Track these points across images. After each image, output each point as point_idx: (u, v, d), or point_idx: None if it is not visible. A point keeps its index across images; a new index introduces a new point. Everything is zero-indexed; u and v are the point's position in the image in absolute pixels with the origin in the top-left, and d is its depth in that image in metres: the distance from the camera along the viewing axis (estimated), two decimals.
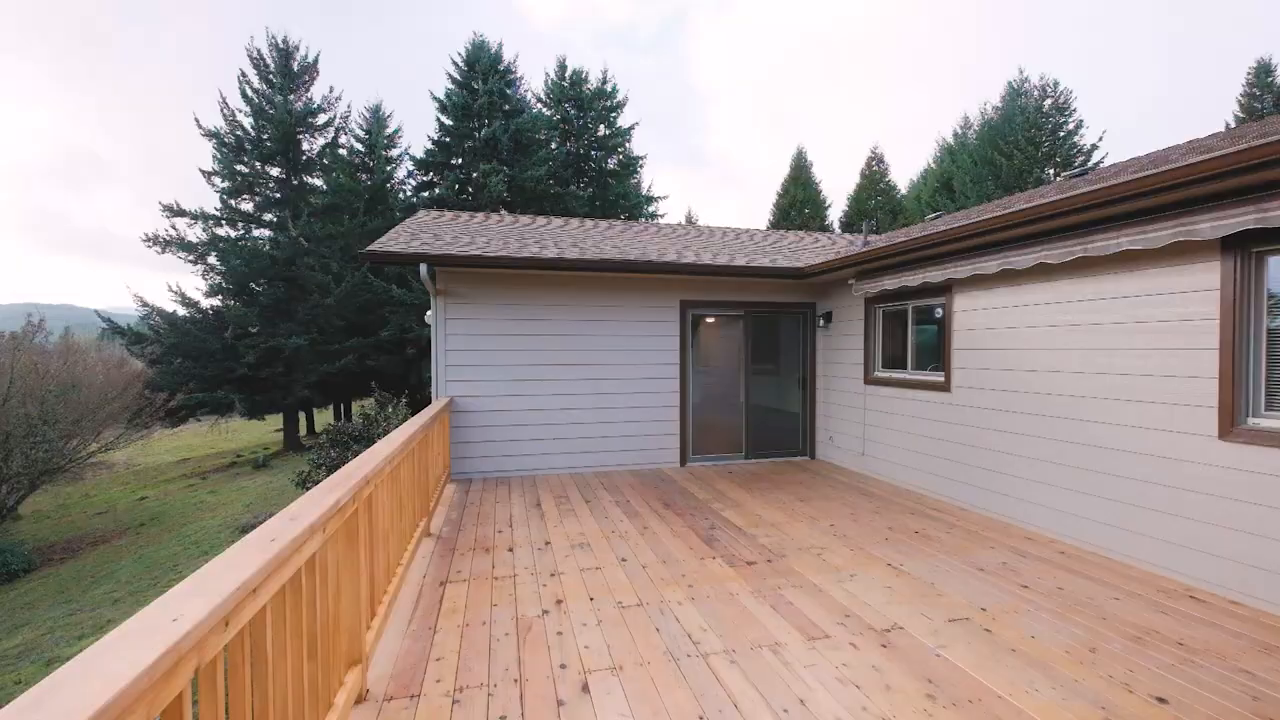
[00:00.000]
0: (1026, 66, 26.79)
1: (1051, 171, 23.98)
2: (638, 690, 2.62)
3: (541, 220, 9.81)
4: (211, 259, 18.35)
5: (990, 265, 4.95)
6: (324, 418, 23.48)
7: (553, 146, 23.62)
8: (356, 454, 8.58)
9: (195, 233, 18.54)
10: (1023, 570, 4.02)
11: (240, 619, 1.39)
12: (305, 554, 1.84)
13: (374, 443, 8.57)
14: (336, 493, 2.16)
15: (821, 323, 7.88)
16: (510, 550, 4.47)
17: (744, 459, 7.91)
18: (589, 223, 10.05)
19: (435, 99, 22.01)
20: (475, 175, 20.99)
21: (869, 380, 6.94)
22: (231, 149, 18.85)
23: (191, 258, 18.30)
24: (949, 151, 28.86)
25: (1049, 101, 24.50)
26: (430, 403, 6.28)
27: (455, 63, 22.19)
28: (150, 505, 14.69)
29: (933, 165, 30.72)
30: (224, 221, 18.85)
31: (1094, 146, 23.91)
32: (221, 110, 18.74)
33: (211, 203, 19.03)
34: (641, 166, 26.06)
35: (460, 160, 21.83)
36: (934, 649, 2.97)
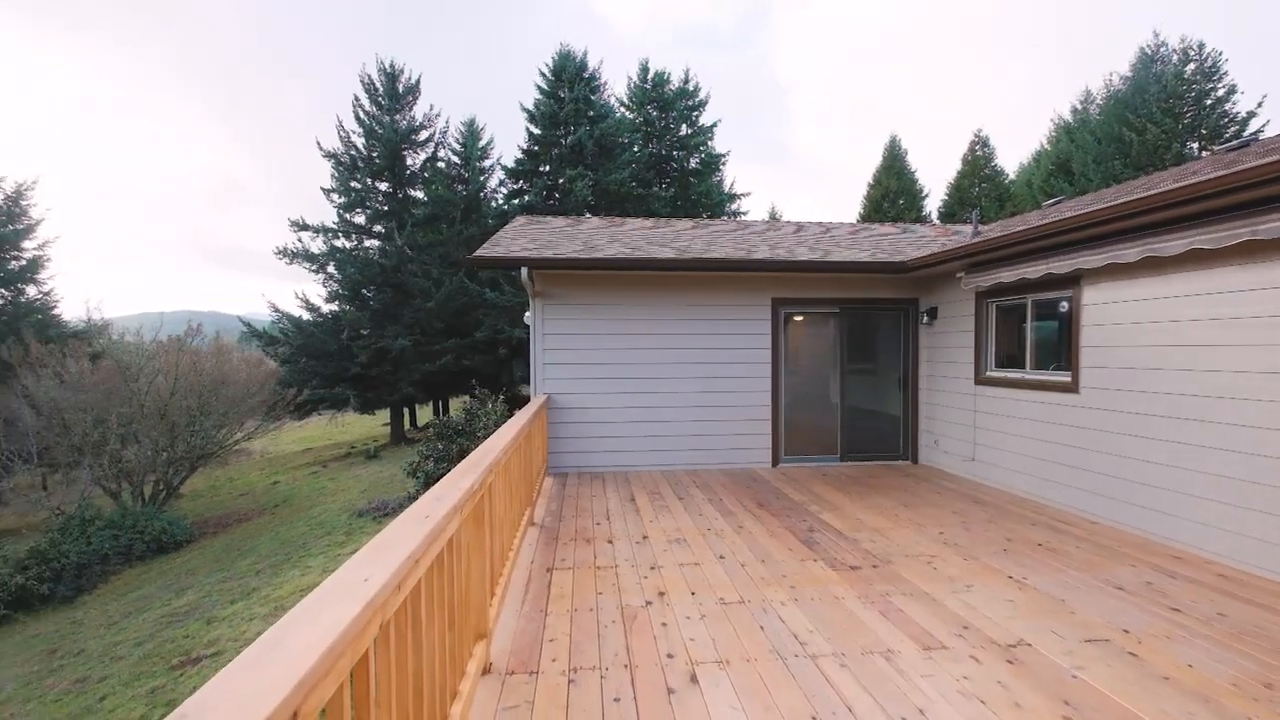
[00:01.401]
0: (1163, 29, 23.80)
1: (1196, 146, 21.15)
2: (746, 685, 2.62)
3: (630, 222, 10.00)
4: (330, 268, 20.29)
5: (1129, 253, 4.46)
6: (424, 414, 25.21)
7: (635, 149, 23.96)
8: (460, 446, 9.17)
9: (317, 245, 20.58)
10: (1172, 592, 3.60)
11: (407, 585, 1.55)
12: (449, 532, 2.02)
13: (475, 436, 9.14)
14: (470, 478, 2.34)
15: (925, 319, 7.44)
16: (610, 542, 4.61)
17: (839, 461, 7.64)
18: (677, 223, 10.12)
19: (524, 110, 22.99)
20: (561, 181, 21.71)
21: (980, 380, 6.48)
22: (346, 167, 20.72)
23: (314, 267, 20.32)
24: (1066, 130, 26.27)
25: (1191, 66, 21.61)
26: (520, 400, 6.60)
27: (543, 73, 23.07)
28: (282, 489, 16.46)
29: (1047, 146, 28.11)
30: (340, 234, 20.76)
31: (1251, 114, 20.83)
32: (338, 133, 20.67)
33: (330, 217, 20.98)
34: (724, 164, 25.85)
35: (548, 167, 22.67)
36: (1069, 669, 2.75)
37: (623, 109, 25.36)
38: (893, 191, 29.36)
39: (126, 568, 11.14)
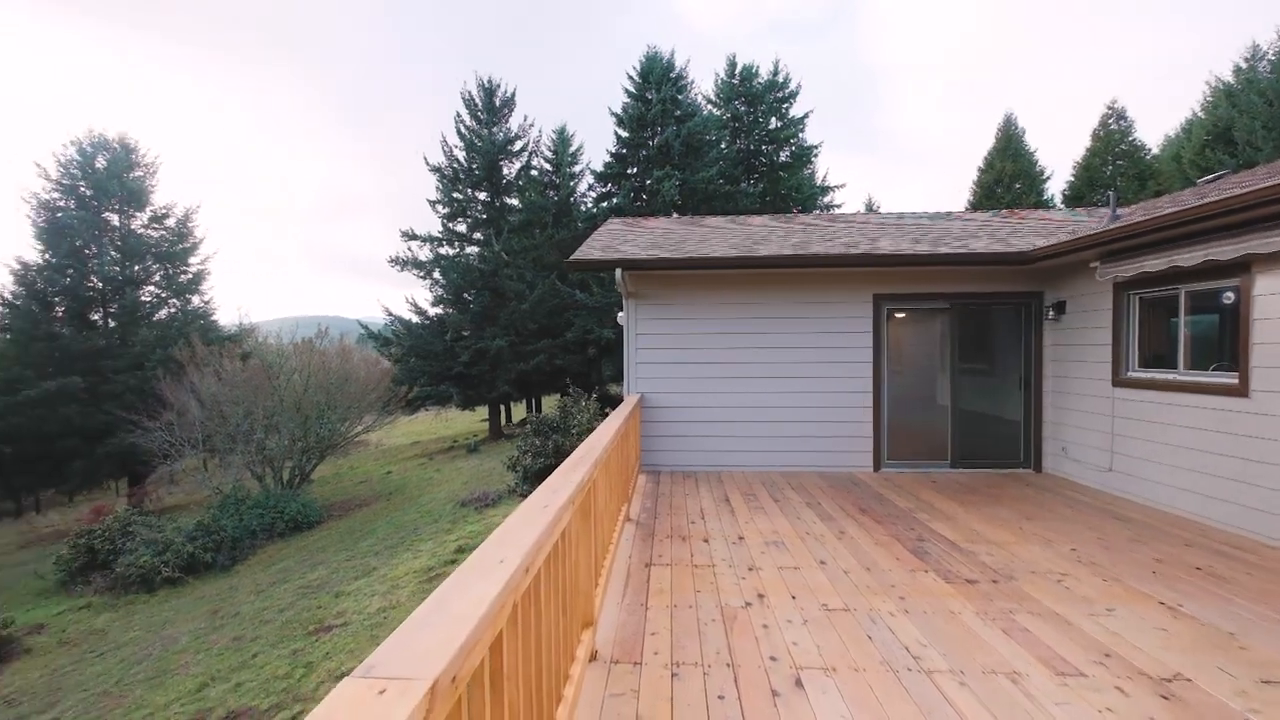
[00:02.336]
0: None
1: None
2: (855, 695, 2.53)
3: (722, 220, 9.91)
4: (436, 274, 21.81)
5: None
6: (518, 411, 26.45)
7: (722, 146, 23.69)
8: (555, 442, 9.53)
9: (424, 253, 22.20)
10: None
11: (533, 570, 1.65)
12: (563, 522, 2.11)
13: (570, 433, 9.46)
14: (579, 473, 2.44)
15: (1050, 314, 6.76)
16: (706, 541, 4.61)
17: (949, 468, 7.13)
18: (770, 219, 9.90)
19: (612, 114, 23.44)
20: (649, 182, 21.93)
21: (1119, 382, 5.79)
22: (449, 179, 22.18)
23: (421, 274, 21.93)
24: (1226, 94, 22.74)
25: None
26: (610, 399, 6.72)
27: (630, 76, 23.41)
28: (394, 479, 17.93)
29: (1200, 114, 24.51)
30: (444, 241, 22.26)
31: None
32: (442, 148, 22.17)
33: (435, 226, 22.56)
34: (815, 156, 24.96)
35: (635, 169, 22.98)
36: (1242, 711, 2.40)
37: (709, 106, 25.17)
38: (1007, 175, 26.90)
39: (269, 543, 12.63)
